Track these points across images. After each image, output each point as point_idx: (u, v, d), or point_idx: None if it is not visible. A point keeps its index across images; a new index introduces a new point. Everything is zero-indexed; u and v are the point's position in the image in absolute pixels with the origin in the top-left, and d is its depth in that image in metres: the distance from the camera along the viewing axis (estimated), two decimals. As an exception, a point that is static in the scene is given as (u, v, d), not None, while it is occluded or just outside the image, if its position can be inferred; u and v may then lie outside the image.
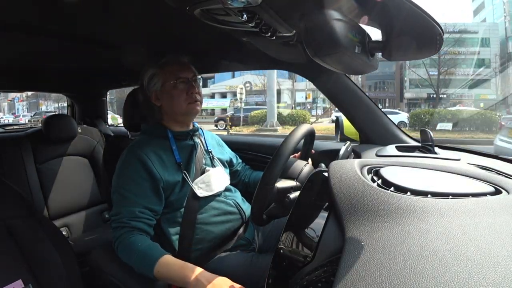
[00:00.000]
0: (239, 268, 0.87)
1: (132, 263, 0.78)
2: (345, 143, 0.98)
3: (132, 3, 0.74)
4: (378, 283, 0.32)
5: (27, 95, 24.00)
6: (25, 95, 24.12)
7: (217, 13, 0.64)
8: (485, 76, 21.40)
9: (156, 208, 0.88)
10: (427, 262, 0.33)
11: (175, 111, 0.96)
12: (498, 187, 0.50)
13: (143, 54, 1.16)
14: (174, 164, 0.93)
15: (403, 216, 0.42)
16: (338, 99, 1.17)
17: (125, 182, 0.87)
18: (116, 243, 0.82)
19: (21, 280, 0.72)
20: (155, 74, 0.96)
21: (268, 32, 0.68)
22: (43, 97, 23.54)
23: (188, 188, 0.92)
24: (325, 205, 0.59)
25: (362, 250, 0.37)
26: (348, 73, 1.08)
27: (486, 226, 0.38)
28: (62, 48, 1.12)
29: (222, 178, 1.02)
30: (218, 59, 1.27)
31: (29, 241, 0.78)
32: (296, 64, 1.16)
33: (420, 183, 0.50)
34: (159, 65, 0.96)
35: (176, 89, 0.94)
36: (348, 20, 0.51)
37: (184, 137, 0.99)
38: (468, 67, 21.52)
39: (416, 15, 0.50)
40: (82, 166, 1.73)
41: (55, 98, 22.28)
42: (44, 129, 1.58)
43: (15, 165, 1.47)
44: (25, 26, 0.87)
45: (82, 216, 1.67)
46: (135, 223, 0.83)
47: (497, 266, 0.31)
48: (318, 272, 0.47)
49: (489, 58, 21.89)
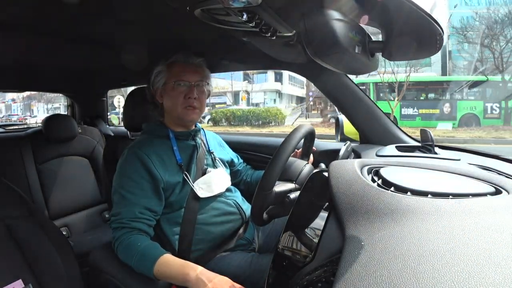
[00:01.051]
0: (239, 268, 0.87)
1: (132, 263, 0.78)
2: (345, 143, 0.98)
3: (132, 3, 0.74)
4: (378, 283, 0.32)
5: (23, 96, 24.26)
6: (22, 96, 24.40)
7: (217, 13, 0.64)
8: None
9: (156, 208, 0.87)
10: (427, 262, 0.33)
11: (172, 112, 0.96)
12: (498, 187, 0.50)
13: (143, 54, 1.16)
14: (175, 165, 0.93)
15: (403, 216, 0.41)
16: (338, 99, 1.17)
17: (125, 182, 0.87)
18: (116, 243, 0.82)
19: (21, 280, 0.72)
20: (161, 71, 0.95)
21: (268, 32, 0.68)
22: (35, 99, 23.84)
23: (189, 188, 0.92)
24: (325, 205, 0.59)
25: (362, 250, 0.37)
26: (348, 73, 1.09)
27: (486, 226, 0.38)
28: (62, 48, 1.12)
29: (223, 179, 1.01)
30: (218, 59, 1.27)
31: (29, 241, 0.77)
32: (296, 64, 1.16)
33: (420, 183, 0.50)
34: (167, 63, 0.95)
35: (175, 91, 0.93)
36: (348, 20, 0.51)
37: (186, 137, 0.99)
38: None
39: (416, 15, 0.50)
40: (82, 166, 1.73)
41: (46, 99, 22.73)
42: (44, 129, 1.58)
43: (15, 165, 1.48)
44: (25, 26, 0.87)
45: (82, 216, 1.67)
46: (134, 223, 0.83)
47: (498, 266, 0.31)
48: (318, 272, 0.47)
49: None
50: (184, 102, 0.93)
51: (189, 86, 0.93)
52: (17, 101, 26.59)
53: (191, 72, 0.94)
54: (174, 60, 0.95)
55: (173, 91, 0.93)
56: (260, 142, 1.53)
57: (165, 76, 0.94)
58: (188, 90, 0.93)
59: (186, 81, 0.93)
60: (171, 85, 0.93)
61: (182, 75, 0.93)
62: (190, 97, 0.93)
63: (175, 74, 0.93)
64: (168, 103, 0.95)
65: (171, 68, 0.94)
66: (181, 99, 0.93)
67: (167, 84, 0.94)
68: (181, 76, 0.93)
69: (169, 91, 0.94)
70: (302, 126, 0.85)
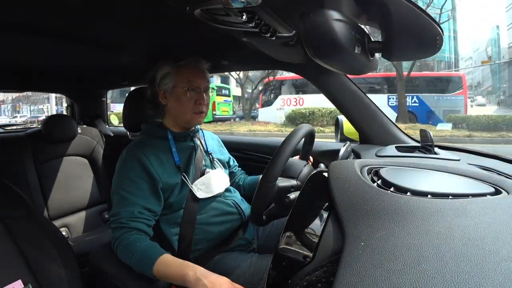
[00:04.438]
0: (239, 268, 0.87)
1: (131, 263, 0.78)
2: (345, 143, 0.98)
3: (132, 3, 0.74)
4: (378, 283, 0.32)
5: (12, 98, 24.73)
6: (11, 98, 24.90)
7: (217, 13, 0.64)
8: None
9: (155, 208, 0.87)
10: (427, 263, 0.33)
11: (179, 116, 0.96)
12: (498, 187, 0.50)
13: (143, 54, 1.16)
14: (173, 166, 0.93)
15: (403, 217, 0.41)
16: (338, 99, 1.17)
17: (124, 182, 0.87)
18: (115, 243, 0.82)
19: (20, 280, 0.71)
20: (169, 73, 0.93)
21: (268, 32, 0.68)
22: (20, 101, 24.44)
23: (188, 189, 0.92)
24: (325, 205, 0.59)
25: (362, 250, 0.37)
26: (347, 73, 1.09)
27: (486, 226, 0.38)
28: (62, 48, 1.12)
29: (222, 180, 1.01)
30: (218, 59, 1.27)
31: (28, 241, 0.77)
32: (296, 64, 1.16)
33: (420, 183, 0.50)
34: (175, 66, 0.94)
35: (185, 96, 0.92)
36: (348, 21, 0.51)
37: (184, 138, 0.98)
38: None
39: (416, 15, 0.50)
40: (81, 166, 1.72)
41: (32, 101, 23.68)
42: (44, 129, 1.58)
43: (15, 165, 1.48)
44: (25, 26, 0.87)
45: (81, 216, 1.67)
46: (134, 223, 0.83)
47: (497, 267, 0.31)
48: (318, 272, 0.47)
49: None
50: (194, 107, 0.93)
51: (200, 92, 0.94)
52: (7, 102, 26.91)
53: (200, 77, 0.94)
54: (183, 64, 0.94)
55: (184, 96, 0.92)
56: (259, 142, 1.53)
57: (174, 79, 0.93)
58: (198, 96, 0.93)
59: (197, 87, 0.93)
60: (183, 90, 0.92)
61: (193, 81, 0.93)
62: (201, 103, 0.94)
63: (185, 79, 0.92)
64: (176, 106, 0.94)
65: (180, 72, 0.93)
66: (191, 105, 0.93)
67: (177, 88, 0.93)
68: (191, 81, 0.93)
69: (180, 95, 0.93)
70: (304, 125, 0.86)
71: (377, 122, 1.14)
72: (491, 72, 30.38)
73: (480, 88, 35.72)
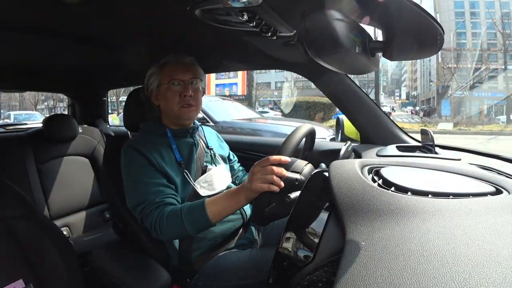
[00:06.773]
0: (239, 262, 0.87)
1: (184, 225, 0.78)
2: (346, 143, 0.98)
3: (133, 3, 0.74)
4: (379, 283, 0.32)
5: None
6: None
7: (217, 13, 0.64)
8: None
9: (172, 186, 0.88)
10: (428, 262, 0.33)
11: (169, 113, 0.96)
12: (499, 187, 0.50)
13: (143, 54, 1.16)
14: (175, 163, 0.92)
15: (404, 216, 0.41)
16: (339, 99, 1.17)
17: (135, 173, 0.87)
18: (156, 225, 0.80)
19: (21, 280, 0.72)
20: (153, 73, 0.96)
21: (268, 32, 0.68)
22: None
23: (190, 187, 0.92)
24: (326, 205, 0.59)
25: (363, 250, 0.37)
26: (349, 73, 1.09)
27: (487, 226, 0.38)
28: (63, 48, 1.12)
29: (224, 176, 1.01)
30: (218, 59, 1.27)
31: (29, 241, 0.77)
32: (297, 64, 1.16)
33: (420, 183, 0.50)
34: (158, 65, 0.96)
35: (169, 91, 0.93)
36: (349, 20, 0.51)
37: (183, 135, 0.98)
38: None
39: (417, 15, 0.50)
40: (83, 166, 1.73)
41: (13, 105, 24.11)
42: (45, 129, 1.58)
43: (16, 165, 1.48)
44: (25, 26, 0.87)
45: (82, 216, 1.67)
46: (166, 199, 0.83)
47: (498, 266, 0.31)
48: (318, 272, 0.47)
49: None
50: (180, 101, 0.93)
51: (183, 85, 0.94)
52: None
53: (183, 70, 0.95)
54: (165, 61, 0.95)
55: (168, 91, 0.93)
56: (260, 141, 1.53)
57: (158, 77, 0.95)
58: (182, 88, 0.93)
59: (180, 80, 0.93)
60: (165, 86, 0.93)
61: (175, 75, 0.93)
62: (186, 95, 0.93)
63: (167, 74, 0.93)
64: (164, 104, 0.95)
65: (162, 70, 0.95)
66: (176, 99, 0.93)
67: (161, 86, 0.94)
68: (173, 75, 0.93)
69: (164, 92, 0.94)
70: (305, 125, 0.86)
71: (378, 121, 1.14)
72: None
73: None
